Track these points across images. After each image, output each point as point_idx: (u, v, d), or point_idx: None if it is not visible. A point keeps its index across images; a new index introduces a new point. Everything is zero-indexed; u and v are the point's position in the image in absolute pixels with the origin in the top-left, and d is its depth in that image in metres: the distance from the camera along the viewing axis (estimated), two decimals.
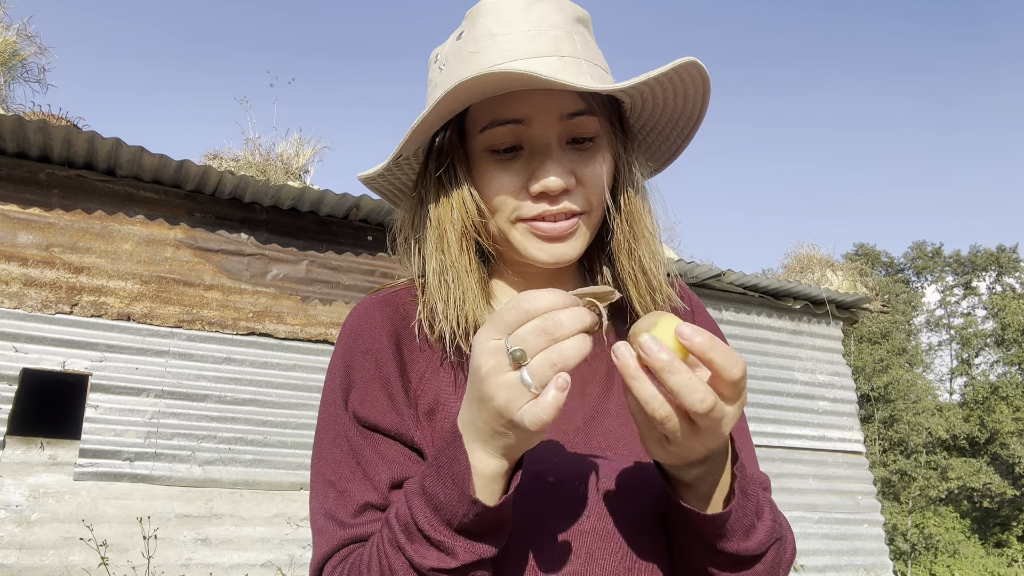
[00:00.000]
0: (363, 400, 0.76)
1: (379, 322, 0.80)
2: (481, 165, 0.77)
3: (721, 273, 6.77)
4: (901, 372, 26.43)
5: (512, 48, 0.74)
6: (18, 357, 4.58)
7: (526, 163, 0.76)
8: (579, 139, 0.76)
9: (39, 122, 4.40)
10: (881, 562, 7.22)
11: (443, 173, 0.78)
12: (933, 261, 34.46)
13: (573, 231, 0.76)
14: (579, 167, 0.76)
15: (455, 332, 0.76)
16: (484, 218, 0.77)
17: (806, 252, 10.03)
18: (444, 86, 0.75)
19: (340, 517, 0.72)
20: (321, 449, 0.77)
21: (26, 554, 4.31)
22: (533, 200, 0.75)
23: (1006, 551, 24.52)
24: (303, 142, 7.56)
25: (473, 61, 0.75)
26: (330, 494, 0.74)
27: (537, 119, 0.74)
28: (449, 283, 0.77)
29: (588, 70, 0.75)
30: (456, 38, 0.80)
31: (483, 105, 0.76)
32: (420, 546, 0.62)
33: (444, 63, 0.80)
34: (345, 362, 0.79)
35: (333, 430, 0.77)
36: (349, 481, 0.73)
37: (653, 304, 0.82)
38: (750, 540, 0.67)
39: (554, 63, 0.73)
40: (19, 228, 4.74)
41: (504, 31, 0.75)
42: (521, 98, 0.74)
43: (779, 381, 7.23)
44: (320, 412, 0.80)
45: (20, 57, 7.48)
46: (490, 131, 0.75)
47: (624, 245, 0.81)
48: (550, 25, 0.75)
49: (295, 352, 5.30)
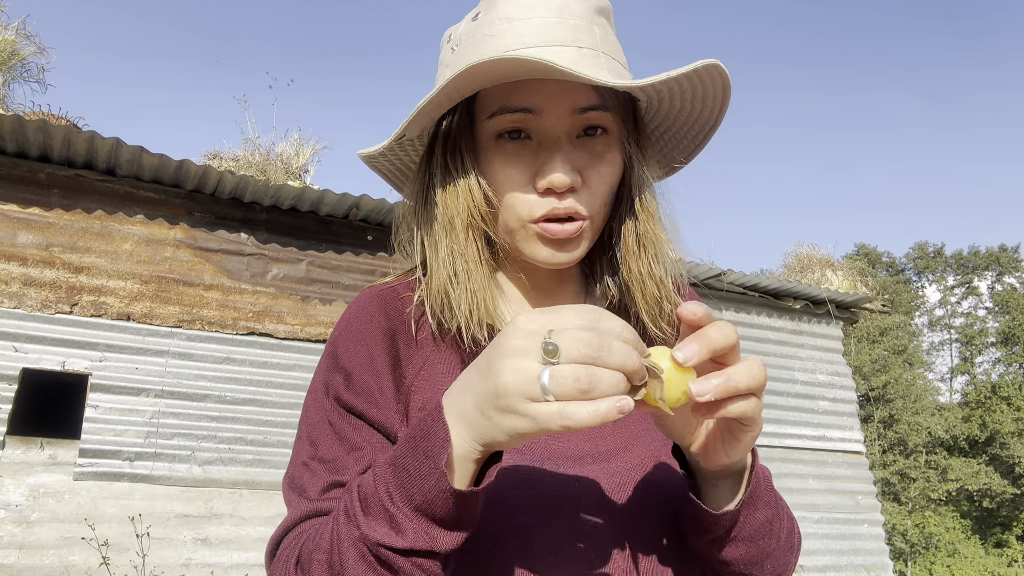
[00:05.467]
0: (349, 387, 0.75)
1: (376, 315, 0.79)
2: (489, 153, 0.75)
3: (721, 273, 6.76)
4: (900, 372, 26.41)
5: (529, 34, 0.71)
6: (18, 357, 4.57)
7: (534, 155, 0.74)
8: (590, 134, 0.74)
9: (39, 122, 4.40)
10: (881, 562, 7.22)
11: (449, 158, 0.76)
12: (935, 261, 34.46)
13: (578, 235, 0.75)
14: (586, 167, 0.73)
15: (468, 322, 0.74)
16: (492, 207, 0.75)
17: (806, 252, 10.01)
18: (455, 67, 0.73)
19: (308, 492, 0.72)
20: (303, 428, 0.77)
21: (26, 554, 4.31)
22: (540, 195, 0.73)
23: (1006, 551, 24.51)
24: (303, 142, 7.55)
25: (487, 44, 0.72)
26: (303, 470, 0.74)
27: (549, 110, 0.72)
28: (458, 273, 0.75)
29: (606, 64, 0.72)
30: (472, 19, 0.77)
31: (494, 91, 0.73)
32: (372, 518, 0.58)
33: (457, 43, 0.77)
34: (337, 350, 0.78)
35: (316, 411, 0.77)
36: (323, 460, 0.73)
37: (660, 312, 0.80)
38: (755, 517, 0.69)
39: (571, 53, 0.70)
40: (19, 228, 4.74)
41: (522, 15, 0.72)
42: (533, 87, 0.72)
43: (779, 381, 7.23)
44: (307, 395, 0.80)
45: (19, 57, 7.47)
46: (499, 118, 0.73)
47: (631, 250, 0.79)
48: (570, 13, 0.73)
49: (295, 352, 5.29)
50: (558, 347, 0.50)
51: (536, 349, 0.51)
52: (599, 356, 0.50)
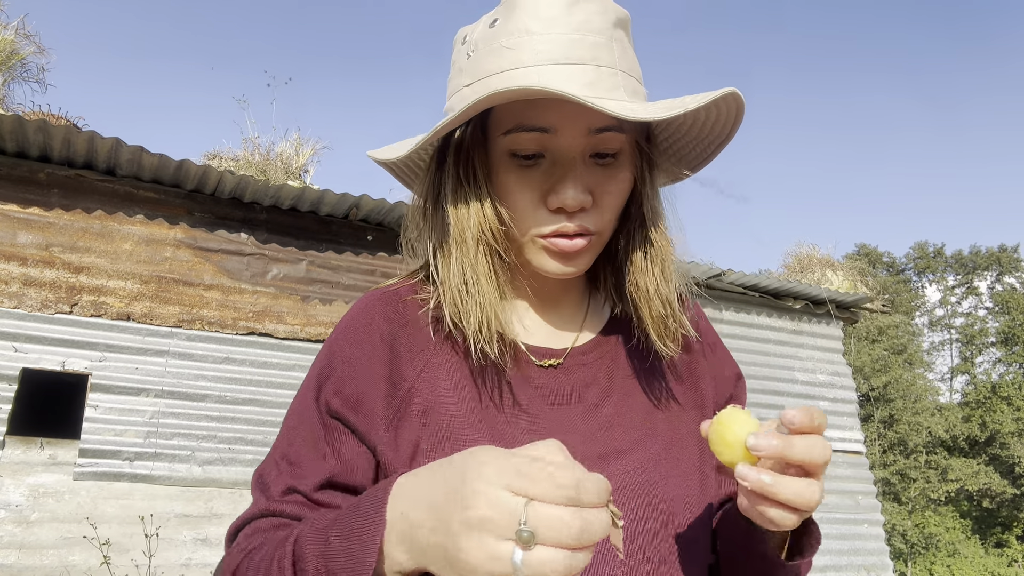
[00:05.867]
0: (337, 391, 0.76)
1: (376, 318, 0.79)
2: (501, 168, 0.75)
3: (721, 273, 6.76)
4: (900, 372, 26.41)
5: (548, 50, 0.70)
6: (18, 357, 4.57)
7: (547, 174, 0.74)
8: (603, 154, 0.74)
9: (39, 122, 4.40)
10: (881, 562, 7.22)
11: (462, 171, 0.76)
12: (935, 261, 34.46)
13: (585, 249, 0.75)
14: (598, 186, 0.74)
15: (478, 337, 0.74)
16: (504, 224, 0.76)
17: (806, 252, 10.01)
18: (474, 76, 0.74)
19: (271, 490, 0.75)
20: (285, 421, 0.80)
21: (26, 554, 4.31)
22: (550, 212, 0.74)
23: (1006, 551, 24.51)
24: (302, 142, 7.55)
25: (505, 57, 0.72)
26: (272, 467, 0.77)
27: (564, 130, 0.72)
28: (468, 285, 0.75)
29: (623, 83, 0.72)
30: (489, 25, 0.75)
31: (509, 106, 0.73)
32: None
33: (473, 49, 0.76)
34: (332, 350, 0.79)
35: (299, 409, 0.79)
36: (291, 462, 0.76)
37: (664, 328, 0.80)
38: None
39: (590, 73, 0.70)
40: (19, 228, 4.74)
41: (543, 30, 0.71)
42: (550, 106, 0.71)
43: (779, 381, 7.23)
44: (299, 389, 0.82)
45: (19, 56, 7.47)
46: (515, 135, 0.72)
47: (639, 266, 0.79)
48: (591, 29, 0.72)
49: (295, 352, 5.29)
50: (534, 535, 0.46)
51: (509, 529, 0.47)
52: (579, 538, 0.47)
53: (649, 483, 0.76)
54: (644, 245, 0.79)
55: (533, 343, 0.81)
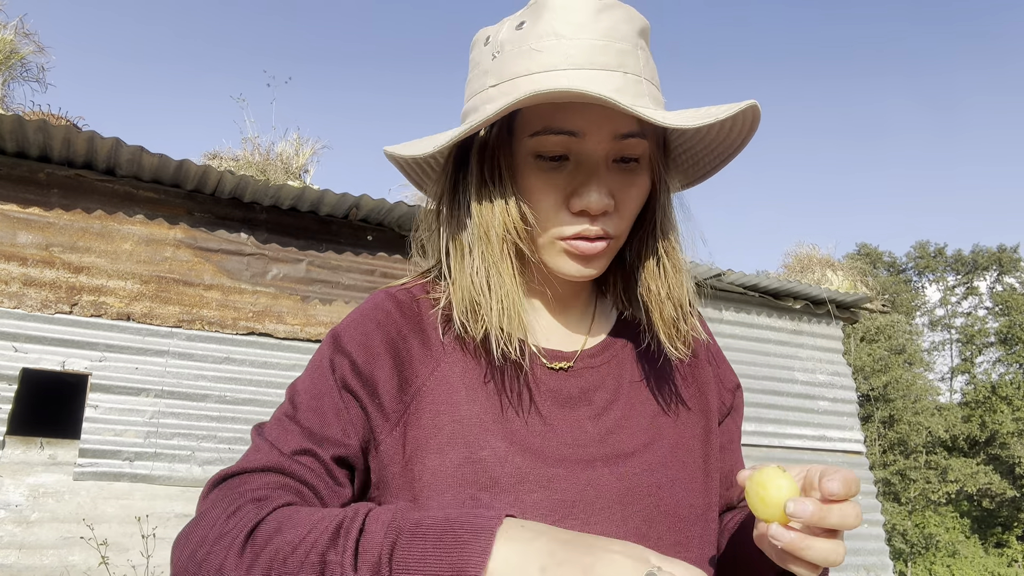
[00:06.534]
0: (354, 370, 0.75)
1: (392, 312, 0.79)
2: (526, 170, 0.75)
3: (721, 273, 6.76)
4: (900, 372, 26.40)
5: (577, 55, 0.71)
6: (18, 357, 4.57)
7: (570, 177, 0.74)
8: (625, 159, 0.75)
9: (39, 122, 4.40)
10: (881, 562, 7.22)
11: (487, 171, 0.76)
12: (935, 261, 34.46)
13: (604, 252, 0.77)
14: (619, 191, 0.75)
15: (499, 336, 0.74)
16: (528, 225, 0.76)
17: (806, 252, 10.01)
18: (500, 76, 0.74)
19: (281, 447, 0.71)
20: (289, 395, 0.77)
21: (26, 554, 4.31)
22: (573, 214, 0.74)
23: (1006, 551, 24.52)
24: (302, 142, 7.56)
25: (535, 59, 0.72)
26: (276, 426, 0.73)
27: (591, 134, 0.72)
28: (492, 284, 0.75)
29: (647, 91, 0.73)
30: (516, 27, 0.75)
31: (537, 108, 0.73)
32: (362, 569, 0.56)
33: (499, 50, 0.75)
34: (346, 335, 0.78)
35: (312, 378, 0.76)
36: (301, 426, 0.72)
37: (676, 331, 0.81)
38: None
39: (617, 80, 0.71)
40: (19, 228, 4.74)
41: (572, 34, 0.71)
42: (577, 110, 0.72)
43: (779, 381, 7.23)
44: (304, 371, 0.79)
45: (19, 56, 7.47)
46: (542, 137, 0.73)
47: (652, 271, 0.80)
48: (618, 37, 0.72)
49: (295, 352, 5.29)
50: None
51: None
52: None
53: (656, 486, 0.76)
54: (658, 250, 0.80)
55: (545, 345, 0.82)
